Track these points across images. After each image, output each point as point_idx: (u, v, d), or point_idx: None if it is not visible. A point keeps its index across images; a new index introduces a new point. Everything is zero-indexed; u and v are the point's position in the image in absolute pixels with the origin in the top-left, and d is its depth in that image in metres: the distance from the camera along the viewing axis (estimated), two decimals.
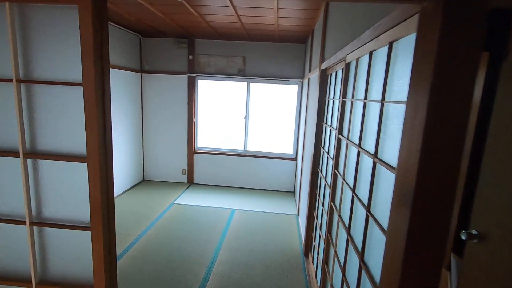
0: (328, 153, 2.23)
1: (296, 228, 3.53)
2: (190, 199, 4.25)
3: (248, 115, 4.71)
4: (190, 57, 4.56)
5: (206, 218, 3.63)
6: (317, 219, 2.60)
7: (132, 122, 4.49)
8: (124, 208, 3.77)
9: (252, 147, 4.82)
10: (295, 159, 4.72)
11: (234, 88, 4.70)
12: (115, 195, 4.13)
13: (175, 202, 4.07)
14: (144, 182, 4.91)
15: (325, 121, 2.53)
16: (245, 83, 4.64)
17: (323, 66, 2.49)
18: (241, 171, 4.85)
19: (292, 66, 4.49)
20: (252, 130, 4.77)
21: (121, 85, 4.13)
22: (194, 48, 4.56)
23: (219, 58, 4.56)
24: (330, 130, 2.21)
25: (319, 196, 2.55)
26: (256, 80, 4.58)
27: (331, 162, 2.10)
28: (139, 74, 4.64)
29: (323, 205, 2.30)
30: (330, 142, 2.19)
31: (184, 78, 4.65)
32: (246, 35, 4.14)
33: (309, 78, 3.57)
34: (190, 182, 4.95)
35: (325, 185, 2.28)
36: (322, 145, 2.58)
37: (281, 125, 4.74)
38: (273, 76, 4.53)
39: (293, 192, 4.80)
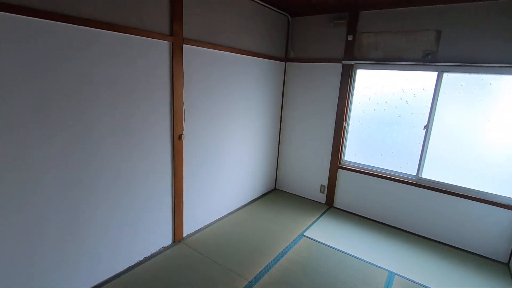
0: None
1: None
2: (326, 232, 3.11)
3: (431, 124, 3.00)
4: (350, 37, 3.29)
5: (346, 277, 2.40)
6: None
7: (269, 121, 3.77)
8: (245, 229, 3.09)
9: (431, 174, 3.09)
10: None
11: (412, 81, 3.08)
12: (241, 205, 3.57)
13: (305, 234, 3.05)
14: (275, 191, 4.17)
15: None
16: (434, 74, 2.93)
17: None
18: (409, 206, 3.22)
19: None
20: (435, 147, 3.03)
21: (260, 75, 3.42)
22: (357, 24, 3.25)
23: (393, 37, 3.05)
24: None
25: None
26: (456, 68, 2.79)
27: None
28: (283, 63, 3.82)
29: None
30: None
31: (337, 68, 3.46)
32: None
33: None
34: (329, 205, 3.79)
35: None
36: None
37: (493, 145, 2.74)
38: (493, 62, 2.60)
39: (508, 265, 2.75)
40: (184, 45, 2.39)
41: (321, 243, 2.90)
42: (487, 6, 2.57)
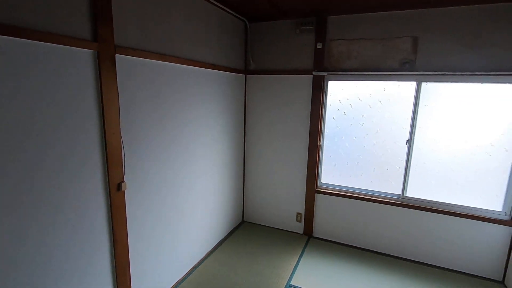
0: None
1: None
2: (314, 275, 2.59)
3: (413, 138, 2.75)
4: (319, 45, 2.90)
5: None
6: None
7: (229, 144, 3.15)
8: (219, 284, 2.39)
9: (416, 192, 2.84)
10: (511, 223, 2.51)
11: (390, 92, 2.81)
12: (207, 251, 2.85)
13: (292, 283, 2.49)
14: (244, 225, 3.54)
15: None
16: (413, 84, 2.69)
17: None
18: (396, 229, 2.92)
19: None
20: (419, 163, 2.78)
21: (218, 91, 2.80)
22: (326, 30, 2.88)
23: (368, 44, 2.75)
24: None
25: None
26: (435, 77, 2.58)
27: None
28: (243, 75, 3.27)
29: None
30: None
31: (307, 80, 3.04)
32: None
33: None
34: (308, 235, 3.31)
35: None
36: None
37: (480, 158, 2.59)
38: (475, 70, 2.44)
39: (503, 283, 2.59)
40: (117, 55, 1.65)
41: None
42: (467, 10, 2.41)
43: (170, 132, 2.16)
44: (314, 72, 2.95)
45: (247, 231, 3.40)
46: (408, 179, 2.84)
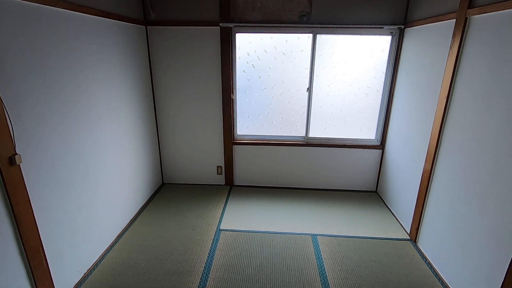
0: None
1: (431, 276, 2.22)
2: (240, 217, 2.87)
3: (312, 86, 3.14)
4: None
5: (282, 258, 2.29)
6: None
7: (138, 105, 2.92)
8: (149, 250, 2.39)
9: (316, 132, 3.33)
10: (381, 147, 3.28)
11: (291, 44, 3.05)
12: (129, 219, 2.75)
13: (221, 228, 2.70)
14: (164, 188, 3.48)
15: None
16: (310, 36, 2.99)
17: None
18: (302, 166, 3.42)
19: (388, 5, 2.82)
20: (317, 107, 3.23)
21: (115, 45, 2.48)
22: None
23: None
24: None
25: None
26: (327, 29, 2.93)
27: None
28: (143, 27, 2.94)
29: None
30: None
31: (214, 31, 2.97)
32: None
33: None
34: (230, 184, 3.54)
35: None
36: None
37: (360, 98, 3.19)
38: (355, 23, 2.88)
39: (376, 192, 3.44)
40: None
41: (241, 231, 2.65)
42: None
43: (60, 93, 1.85)
44: (221, 24, 2.90)
45: (169, 191, 3.38)
46: (310, 121, 3.28)
